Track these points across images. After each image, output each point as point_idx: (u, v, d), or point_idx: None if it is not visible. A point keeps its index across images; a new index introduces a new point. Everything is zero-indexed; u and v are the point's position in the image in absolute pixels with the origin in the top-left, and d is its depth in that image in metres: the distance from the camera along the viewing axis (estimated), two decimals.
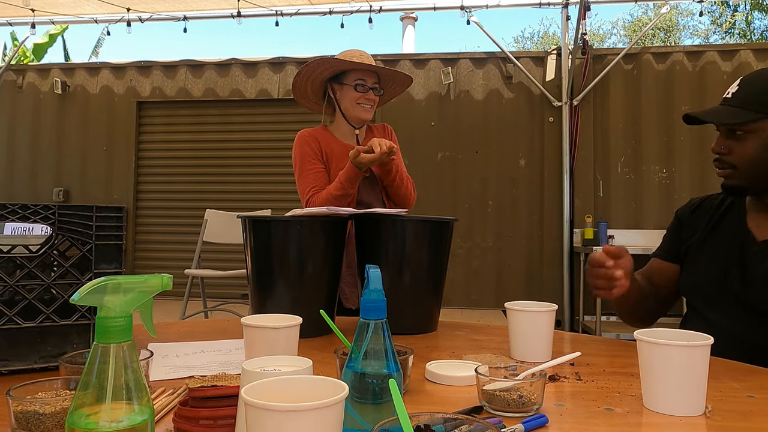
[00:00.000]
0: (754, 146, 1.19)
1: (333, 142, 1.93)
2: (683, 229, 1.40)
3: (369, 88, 1.89)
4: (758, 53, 5.46)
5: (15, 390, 0.67)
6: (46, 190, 6.53)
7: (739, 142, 1.21)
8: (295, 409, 0.48)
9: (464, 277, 5.73)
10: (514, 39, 22.47)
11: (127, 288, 0.53)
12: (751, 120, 1.18)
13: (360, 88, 1.88)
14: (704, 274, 1.29)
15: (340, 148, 1.92)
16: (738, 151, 1.22)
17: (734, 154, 1.22)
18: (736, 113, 1.20)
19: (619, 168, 5.59)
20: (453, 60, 5.94)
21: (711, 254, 1.29)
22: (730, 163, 1.23)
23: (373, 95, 1.90)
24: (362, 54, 1.92)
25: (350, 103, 1.89)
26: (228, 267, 4.24)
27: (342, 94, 1.91)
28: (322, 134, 1.94)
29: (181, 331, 1.35)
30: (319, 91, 1.98)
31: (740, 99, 1.21)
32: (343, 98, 1.91)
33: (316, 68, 1.87)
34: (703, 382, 0.79)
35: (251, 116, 6.25)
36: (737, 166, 1.22)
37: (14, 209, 0.94)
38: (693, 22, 19.15)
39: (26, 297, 0.92)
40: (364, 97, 1.88)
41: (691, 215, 1.40)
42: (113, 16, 6.04)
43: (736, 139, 1.22)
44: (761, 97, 1.19)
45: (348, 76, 1.89)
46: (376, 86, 1.92)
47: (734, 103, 1.22)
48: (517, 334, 1.09)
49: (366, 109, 1.90)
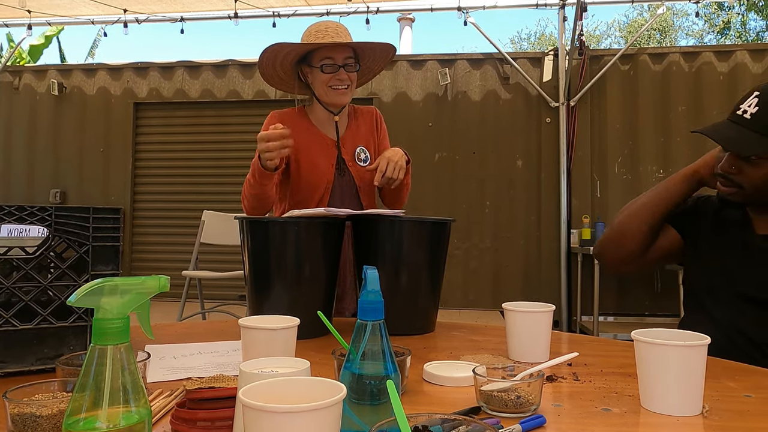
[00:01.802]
0: (766, 173, 1.16)
1: (303, 131, 1.68)
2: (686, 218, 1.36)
3: (339, 66, 1.60)
4: (754, 54, 5.47)
5: (11, 392, 0.67)
6: (43, 191, 6.51)
7: (751, 166, 1.17)
8: (292, 410, 0.48)
9: (462, 277, 5.74)
10: (511, 40, 22.51)
11: (124, 290, 0.53)
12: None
13: (328, 69, 1.60)
14: (710, 270, 1.28)
15: (311, 137, 1.68)
16: (749, 173, 1.18)
17: (744, 175, 1.19)
18: (757, 142, 1.13)
19: (616, 168, 5.60)
20: (450, 61, 5.95)
21: (716, 252, 1.28)
22: (738, 183, 1.20)
23: (345, 74, 1.61)
24: (329, 26, 1.64)
25: (322, 87, 1.63)
26: (225, 268, 4.24)
27: (313, 77, 1.65)
28: (294, 118, 1.69)
29: (179, 333, 1.35)
30: (292, 75, 1.71)
31: (761, 124, 1.13)
32: (315, 82, 1.65)
33: (278, 53, 1.62)
34: (700, 382, 0.79)
35: (248, 117, 6.24)
36: (745, 187, 1.19)
37: (11, 211, 0.94)
38: (688, 22, 19.22)
39: (23, 299, 0.92)
40: (335, 77, 1.61)
41: (694, 208, 1.37)
42: (110, 17, 6.03)
43: (749, 163, 1.18)
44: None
45: (314, 56, 1.61)
46: (351, 62, 1.62)
47: (753, 127, 1.14)
48: (514, 335, 1.09)
49: (341, 91, 1.62)
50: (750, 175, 1.18)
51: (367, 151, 1.75)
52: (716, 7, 16.40)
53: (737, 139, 1.16)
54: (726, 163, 1.20)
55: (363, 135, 1.76)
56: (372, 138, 1.78)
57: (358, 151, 1.73)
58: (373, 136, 1.79)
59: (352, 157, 1.72)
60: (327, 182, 1.67)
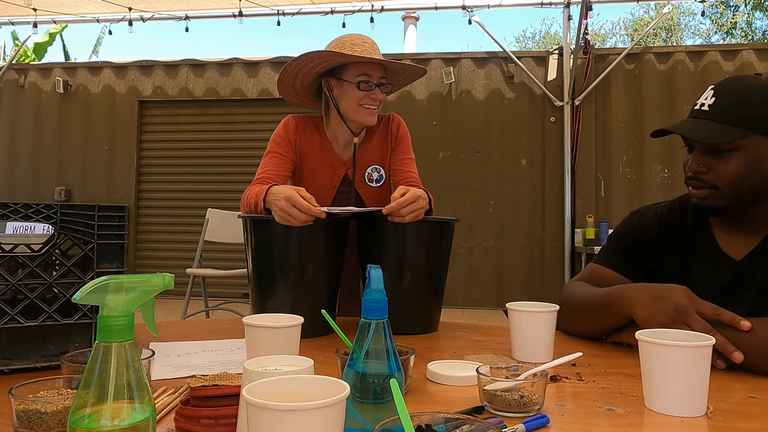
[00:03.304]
0: (737, 165, 1.09)
1: (316, 144, 1.61)
2: (652, 251, 1.28)
3: (375, 85, 1.51)
4: (760, 53, 5.45)
5: (17, 389, 0.67)
6: (48, 189, 6.54)
7: (719, 161, 1.11)
8: (296, 408, 0.48)
9: (465, 276, 5.73)
10: (516, 39, 22.46)
11: (128, 287, 0.53)
12: (737, 138, 1.07)
13: (364, 86, 1.50)
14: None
15: (321, 155, 1.60)
16: (719, 169, 1.11)
17: (714, 172, 1.12)
18: (719, 130, 1.09)
19: (621, 168, 5.59)
20: (454, 60, 5.94)
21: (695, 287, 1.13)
22: (711, 183, 1.12)
23: (380, 93, 1.53)
24: (365, 41, 1.55)
25: (351, 105, 1.52)
26: (229, 266, 4.25)
27: (341, 92, 1.54)
28: (310, 128, 1.61)
29: (183, 331, 1.35)
30: (310, 87, 1.61)
31: (720, 113, 1.10)
32: (343, 98, 1.53)
33: (308, 62, 1.51)
34: (704, 383, 0.79)
35: (253, 116, 6.26)
36: (718, 186, 1.12)
37: (16, 208, 0.95)
38: (694, 22, 19.15)
39: (28, 296, 0.92)
40: (368, 96, 1.51)
41: (657, 236, 1.28)
42: (115, 15, 6.05)
43: (716, 157, 1.11)
44: (744, 112, 1.08)
45: (348, 71, 1.51)
46: (384, 81, 1.54)
47: (713, 117, 1.10)
48: (518, 335, 1.09)
49: (371, 111, 1.53)
50: (720, 172, 1.11)
51: (382, 169, 1.65)
52: (723, 6, 16.33)
53: (699, 130, 1.12)
54: (693, 162, 1.15)
55: (377, 152, 1.66)
56: (386, 150, 1.68)
57: (369, 170, 1.64)
58: (387, 147, 1.68)
59: (362, 177, 1.63)
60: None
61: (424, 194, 1.33)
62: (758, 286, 1.13)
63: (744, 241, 1.17)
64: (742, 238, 1.17)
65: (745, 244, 1.16)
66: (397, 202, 1.27)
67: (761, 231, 1.15)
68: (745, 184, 1.10)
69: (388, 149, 1.68)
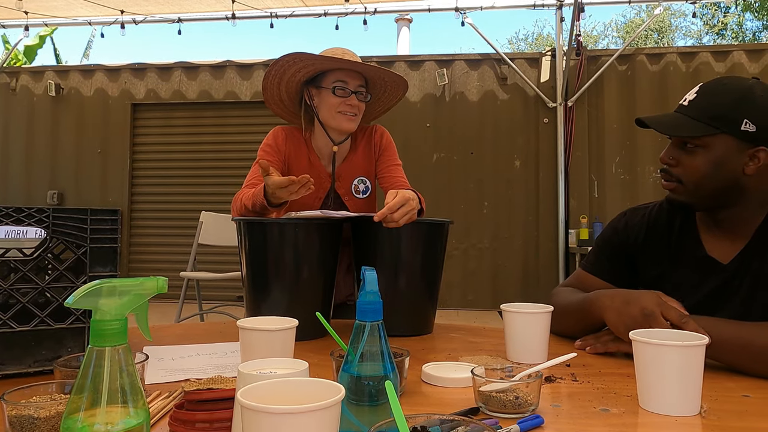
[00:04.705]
0: (702, 162, 1.11)
1: (303, 156, 1.64)
2: (638, 255, 1.28)
3: (351, 91, 1.56)
4: (751, 54, 5.49)
5: (9, 394, 0.67)
6: (40, 193, 6.51)
7: (688, 155, 1.13)
8: (291, 411, 0.48)
9: (460, 278, 5.74)
10: (509, 40, 22.56)
11: (122, 291, 0.53)
12: (702, 134, 1.10)
13: (339, 92, 1.55)
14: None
15: (308, 167, 1.62)
16: (686, 164, 1.14)
17: (682, 167, 1.14)
18: (689, 125, 1.12)
19: (614, 168, 5.61)
20: (448, 61, 5.96)
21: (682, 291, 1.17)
22: (677, 176, 1.15)
23: (357, 101, 1.57)
24: (345, 52, 1.61)
25: (329, 111, 1.57)
26: (223, 269, 4.24)
27: (320, 99, 1.58)
28: (298, 140, 1.65)
29: (177, 334, 1.35)
30: (295, 98, 1.65)
31: (696, 109, 1.12)
32: (322, 104, 1.58)
33: (288, 68, 1.55)
34: (698, 382, 0.80)
35: (246, 118, 6.25)
36: (684, 181, 1.14)
37: (8, 212, 0.94)
38: (686, 23, 19.28)
39: (20, 300, 0.92)
40: (345, 102, 1.55)
41: (644, 242, 1.28)
42: (107, 18, 6.03)
43: (685, 152, 1.14)
44: (717, 110, 1.10)
45: (326, 78, 1.57)
46: (362, 89, 1.59)
47: (690, 113, 1.13)
48: (513, 336, 1.09)
49: (348, 117, 1.57)
50: (686, 166, 1.13)
51: (368, 180, 1.68)
52: (714, 8, 16.45)
53: (670, 123, 1.15)
54: (665, 153, 1.18)
55: (362, 164, 1.68)
56: (372, 161, 1.70)
57: (355, 183, 1.66)
58: (372, 158, 1.70)
59: (349, 190, 1.65)
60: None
61: (413, 195, 1.34)
62: (746, 289, 1.13)
63: (730, 245, 1.17)
64: (728, 241, 1.18)
65: (732, 248, 1.17)
66: (387, 206, 1.28)
67: (746, 234, 1.16)
68: (708, 183, 1.12)
69: (373, 160, 1.70)
